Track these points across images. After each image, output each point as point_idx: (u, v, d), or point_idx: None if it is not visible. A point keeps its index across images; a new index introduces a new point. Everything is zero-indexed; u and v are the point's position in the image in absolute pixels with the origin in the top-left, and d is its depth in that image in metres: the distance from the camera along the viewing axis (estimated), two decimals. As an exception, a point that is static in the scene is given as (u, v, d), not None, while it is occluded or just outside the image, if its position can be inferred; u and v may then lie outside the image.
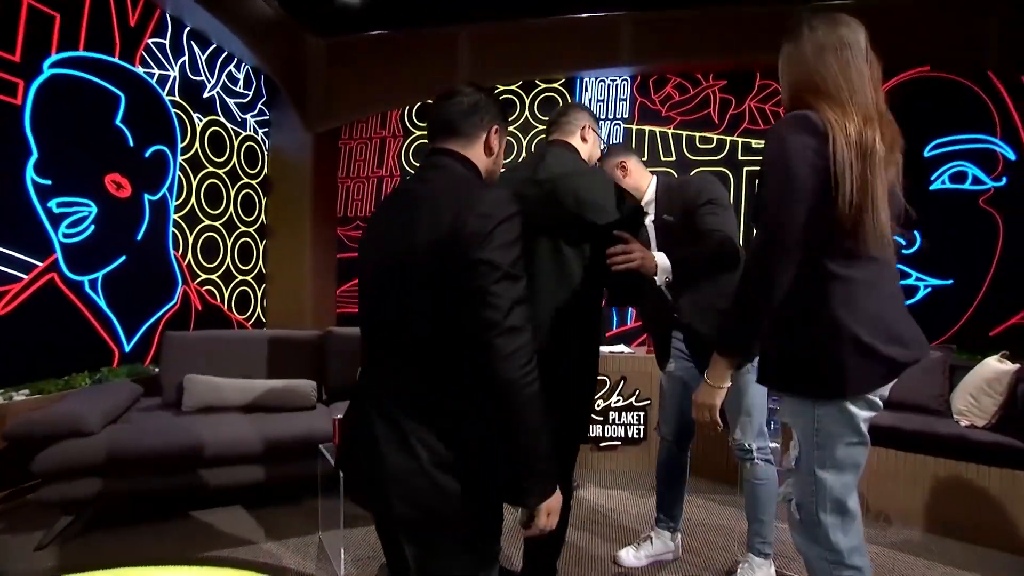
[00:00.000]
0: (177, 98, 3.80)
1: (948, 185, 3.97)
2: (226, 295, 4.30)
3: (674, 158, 4.54)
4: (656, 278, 1.63)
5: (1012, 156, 3.91)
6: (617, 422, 3.06)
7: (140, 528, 2.37)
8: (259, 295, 4.69)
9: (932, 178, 4.03)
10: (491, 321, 0.95)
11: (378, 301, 1.10)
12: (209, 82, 4.07)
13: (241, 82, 4.40)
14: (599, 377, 2.16)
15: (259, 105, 4.61)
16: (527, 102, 4.77)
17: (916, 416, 2.76)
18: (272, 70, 4.32)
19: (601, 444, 3.10)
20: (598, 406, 3.07)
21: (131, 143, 3.50)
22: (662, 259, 1.65)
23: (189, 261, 3.94)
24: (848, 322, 1.14)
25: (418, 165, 1.05)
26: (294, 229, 4.73)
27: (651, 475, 2.79)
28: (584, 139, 1.77)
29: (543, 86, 4.75)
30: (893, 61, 4.02)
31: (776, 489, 1.95)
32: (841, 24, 1.23)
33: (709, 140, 4.49)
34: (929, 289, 3.98)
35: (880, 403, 1.20)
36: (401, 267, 1.04)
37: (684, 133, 4.53)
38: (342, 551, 2.09)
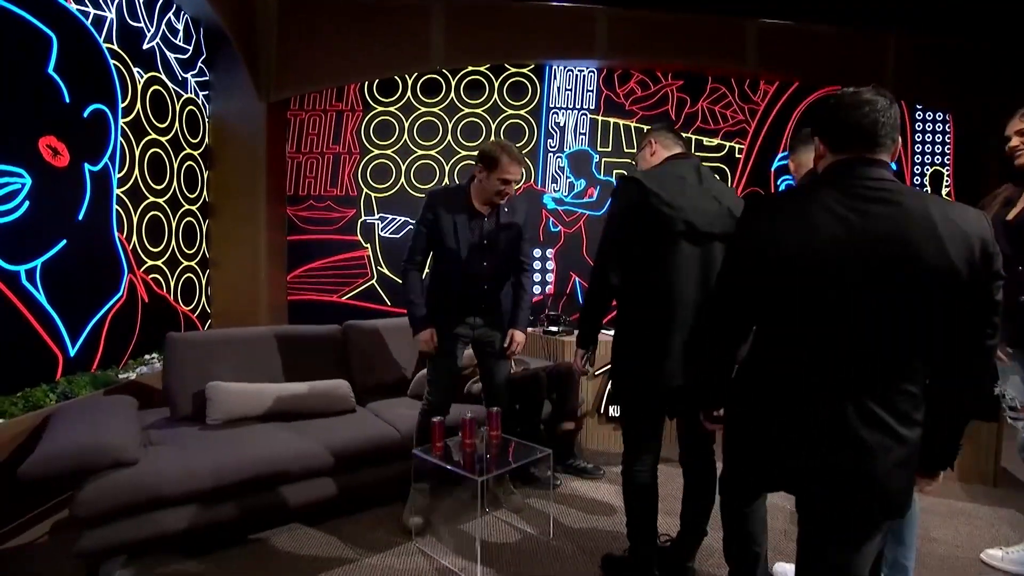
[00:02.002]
0: (115, 47, 3.14)
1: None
2: (171, 283, 3.70)
3: (636, 150, 4.84)
4: None
5: (893, 166, 4.85)
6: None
7: (204, 561, 2.06)
8: (203, 283, 4.10)
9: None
10: (994, 324, 1.13)
11: (855, 304, 1.11)
12: (148, 30, 3.40)
13: (181, 34, 3.73)
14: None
15: (199, 63, 3.96)
16: (496, 85, 4.72)
17: None
18: (221, 20, 3.72)
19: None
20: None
21: (67, 99, 2.84)
22: None
23: (134, 245, 3.32)
24: None
25: (857, 177, 1.10)
26: (241, 208, 4.19)
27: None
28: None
29: (512, 70, 4.72)
30: (814, 78, 4.74)
31: None
32: None
33: (666, 136, 4.86)
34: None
35: None
36: (906, 277, 1.09)
37: (645, 127, 4.84)
38: (477, 543, 2.04)
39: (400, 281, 2.40)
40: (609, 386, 2.82)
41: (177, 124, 3.71)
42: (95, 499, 1.76)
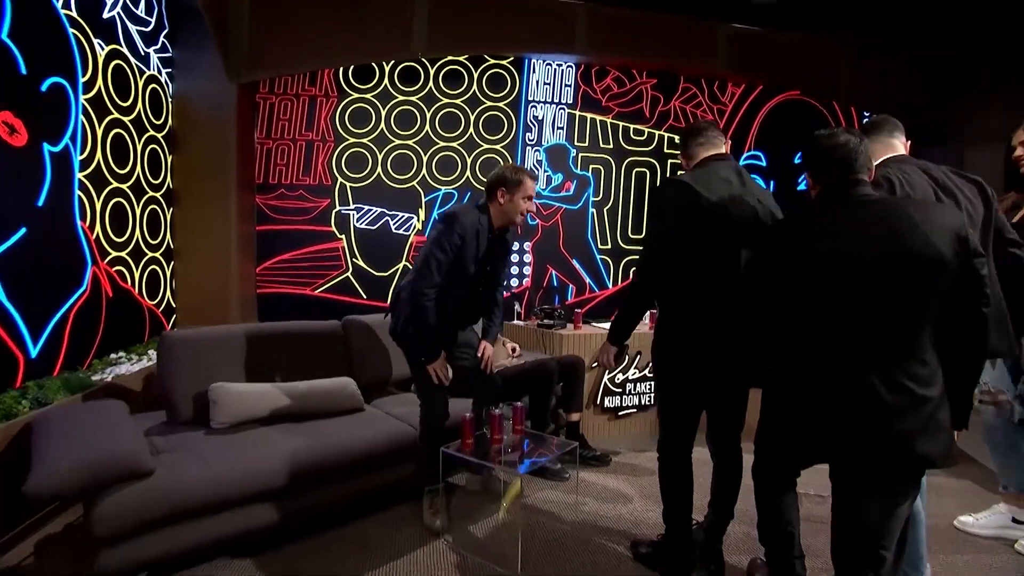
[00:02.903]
0: (74, 14, 2.83)
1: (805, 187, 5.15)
2: (136, 276, 3.41)
3: (611, 146, 4.95)
4: None
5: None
6: (632, 392, 3.40)
7: (232, 570, 1.93)
8: (167, 275, 3.80)
9: (798, 180, 5.17)
10: (986, 294, 1.35)
11: (871, 293, 1.32)
12: (109, -3, 3.09)
13: (143, 4, 3.41)
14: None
15: (161, 38, 3.64)
16: (475, 76, 4.66)
17: None
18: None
19: (619, 413, 3.41)
20: (617, 379, 3.37)
21: (23, 69, 2.54)
22: None
23: (98, 234, 3.03)
24: None
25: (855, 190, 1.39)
26: (208, 195, 3.92)
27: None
28: (727, 151, 1.99)
29: (491, 61, 4.68)
30: (776, 83, 5.02)
31: None
32: None
33: (641, 132, 5.00)
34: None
35: None
36: (912, 262, 1.30)
37: (620, 124, 4.95)
38: (520, 538, 2.04)
39: (413, 310, 2.21)
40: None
41: (140, 103, 3.40)
42: (116, 515, 1.62)
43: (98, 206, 3.03)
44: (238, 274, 4.08)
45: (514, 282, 4.80)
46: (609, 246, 5.01)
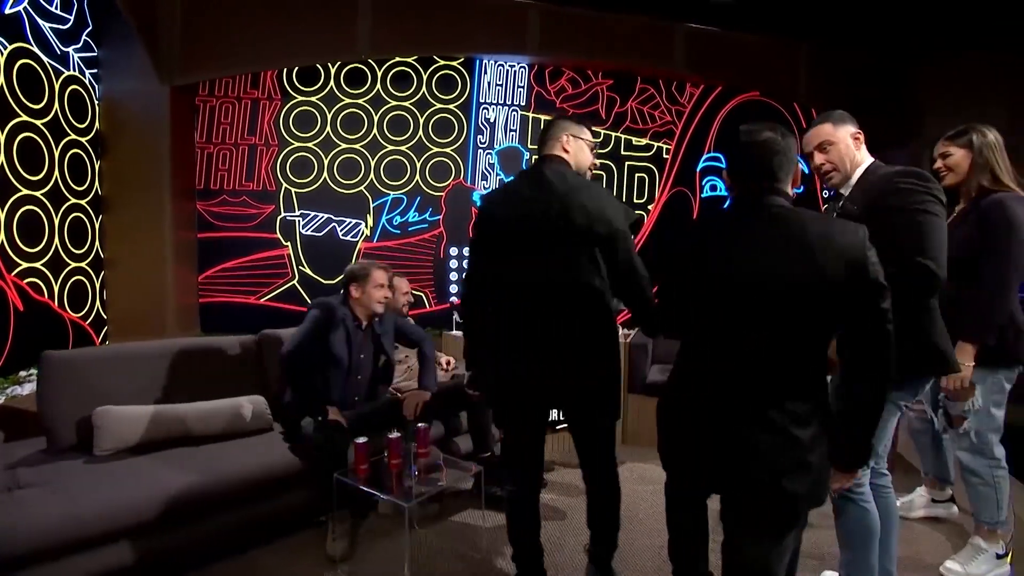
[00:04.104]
0: (-30, 13, 2.70)
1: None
2: (56, 288, 3.27)
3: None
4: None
5: (805, 169, 5.14)
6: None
7: None
8: (97, 286, 3.67)
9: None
10: (886, 332, 1.23)
11: (752, 317, 1.23)
12: (14, -6, 2.94)
13: (58, 1, 3.27)
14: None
15: (84, 36, 3.50)
16: (424, 78, 4.54)
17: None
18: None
19: (556, 428, 3.31)
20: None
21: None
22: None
23: (2, 244, 2.89)
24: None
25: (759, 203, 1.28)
26: (141, 202, 3.78)
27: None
28: (566, 149, 1.80)
29: (441, 63, 4.56)
30: (736, 84, 4.92)
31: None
32: None
33: (597, 134, 4.87)
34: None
35: None
36: (801, 290, 1.19)
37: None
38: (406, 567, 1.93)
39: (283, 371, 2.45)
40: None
41: (57, 105, 3.26)
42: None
43: (2, 216, 2.89)
44: (175, 283, 3.95)
45: (454, 289, 4.66)
46: (566, 251, 4.90)
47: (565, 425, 3.34)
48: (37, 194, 3.12)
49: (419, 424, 2.19)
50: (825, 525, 2.11)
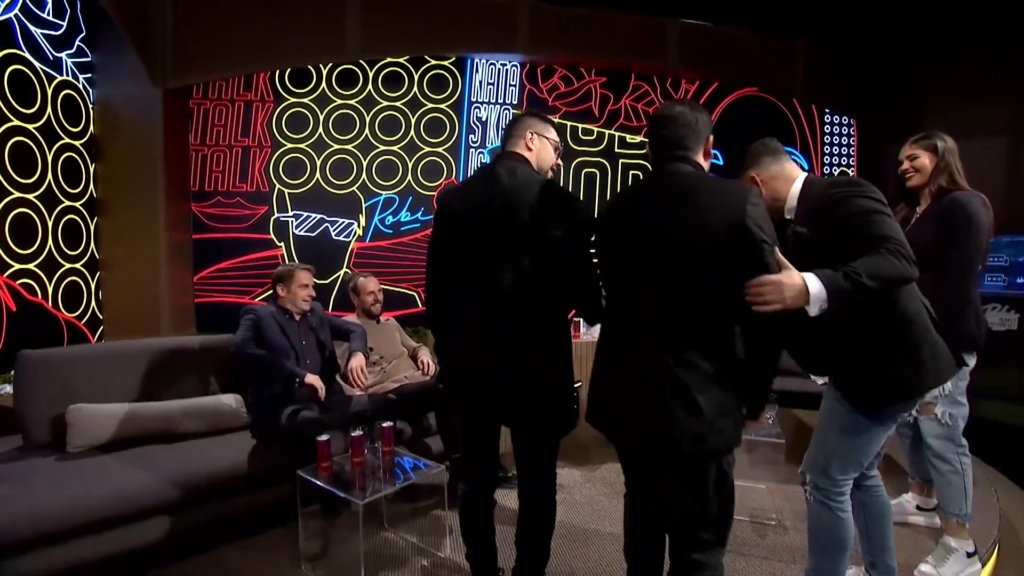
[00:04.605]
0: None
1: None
2: (50, 289, 3.36)
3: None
4: (808, 309, 1.32)
5: (805, 164, 5.05)
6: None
7: None
8: (92, 287, 3.75)
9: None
10: None
11: (658, 279, 1.35)
12: None
13: (50, 6, 3.35)
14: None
15: (77, 42, 3.58)
16: (415, 78, 4.55)
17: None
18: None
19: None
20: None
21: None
22: (813, 283, 1.30)
23: (-4, 247, 2.98)
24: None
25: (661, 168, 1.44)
26: (136, 204, 3.86)
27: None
28: (529, 147, 1.77)
29: (432, 63, 4.57)
30: (730, 80, 4.84)
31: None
32: None
33: (590, 132, 4.86)
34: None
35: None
36: (691, 247, 1.31)
37: (568, 123, 4.81)
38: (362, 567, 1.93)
39: (241, 362, 2.59)
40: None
41: (50, 110, 3.34)
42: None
43: (-5, 218, 2.97)
44: (170, 284, 4.02)
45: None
46: (559, 250, 4.87)
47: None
48: (29, 197, 3.20)
49: (384, 424, 2.20)
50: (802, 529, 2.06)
